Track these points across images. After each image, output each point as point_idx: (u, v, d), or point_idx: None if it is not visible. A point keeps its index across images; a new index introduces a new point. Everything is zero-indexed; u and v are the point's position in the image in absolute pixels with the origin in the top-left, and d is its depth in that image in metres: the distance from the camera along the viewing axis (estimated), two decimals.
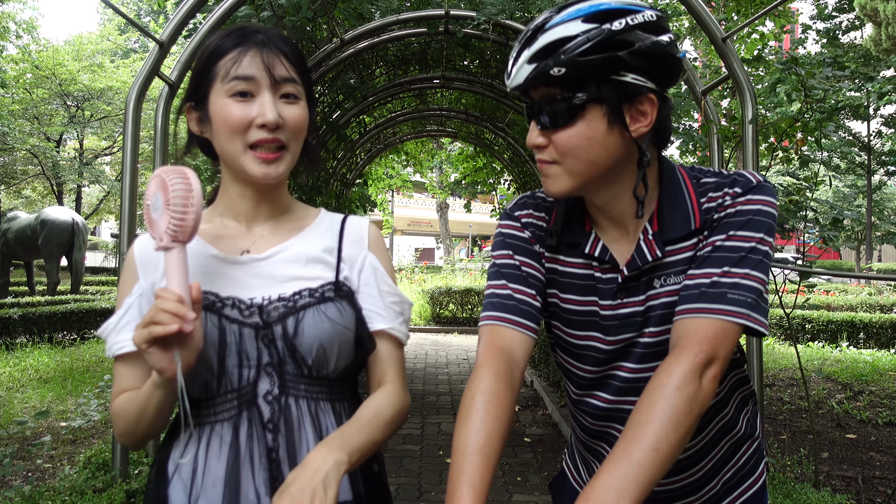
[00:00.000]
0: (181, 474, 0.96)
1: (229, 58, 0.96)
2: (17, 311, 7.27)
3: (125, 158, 2.87)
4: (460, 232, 33.83)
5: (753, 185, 0.96)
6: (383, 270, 1.08)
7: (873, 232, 24.00)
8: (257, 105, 0.95)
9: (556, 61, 0.88)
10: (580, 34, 0.88)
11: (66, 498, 2.60)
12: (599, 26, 0.87)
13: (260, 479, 0.94)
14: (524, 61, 0.91)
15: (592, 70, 0.88)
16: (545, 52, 0.89)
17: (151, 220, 0.91)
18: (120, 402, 0.98)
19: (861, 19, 15.31)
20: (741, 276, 0.90)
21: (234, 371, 0.95)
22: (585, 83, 0.90)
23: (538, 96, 0.94)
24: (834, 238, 3.34)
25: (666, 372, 0.86)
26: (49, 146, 16.57)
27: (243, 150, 0.96)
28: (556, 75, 0.89)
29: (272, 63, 0.96)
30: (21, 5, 15.22)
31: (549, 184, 0.97)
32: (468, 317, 10.80)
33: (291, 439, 0.96)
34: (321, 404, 1.00)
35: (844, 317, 8.39)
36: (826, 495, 2.89)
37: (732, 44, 2.99)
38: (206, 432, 0.97)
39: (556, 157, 0.95)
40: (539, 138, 0.95)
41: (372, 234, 1.10)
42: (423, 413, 5.25)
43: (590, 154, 0.93)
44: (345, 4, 3.71)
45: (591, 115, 0.91)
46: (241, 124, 0.95)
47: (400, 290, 1.09)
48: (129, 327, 0.97)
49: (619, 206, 0.99)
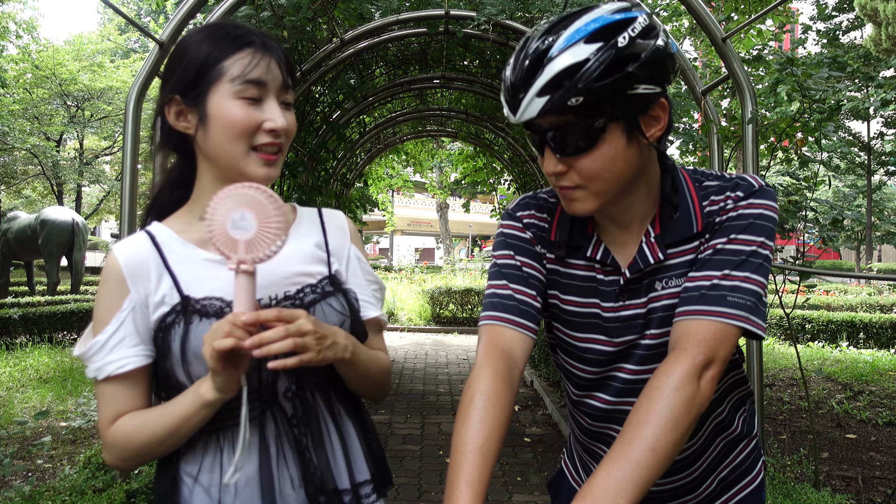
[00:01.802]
0: (201, 482, 0.95)
1: (238, 58, 0.95)
2: (17, 311, 7.27)
3: (125, 158, 2.87)
4: (460, 232, 33.82)
5: (755, 190, 0.96)
6: (364, 260, 1.13)
7: (873, 232, 23.99)
8: (266, 110, 0.96)
9: (573, 91, 0.85)
10: (590, 58, 0.84)
11: (66, 498, 2.60)
12: (605, 45, 0.85)
13: (294, 471, 0.97)
14: (534, 95, 0.87)
15: (611, 91, 0.86)
16: (556, 82, 0.85)
17: (229, 237, 0.87)
18: (129, 427, 0.93)
19: (861, 19, 15.31)
20: (741, 279, 0.90)
21: (252, 374, 0.95)
22: (601, 105, 0.88)
23: (548, 125, 0.90)
24: (834, 238, 3.33)
25: (665, 373, 0.86)
26: (49, 146, 16.57)
27: (246, 152, 0.96)
28: (573, 105, 0.86)
29: (280, 70, 0.99)
30: (21, 5, 15.23)
31: (576, 206, 0.96)
32: (468, 317, 10.80)
33: (317, 429, 0.99)
34: (332, 393, 1.04)
35: (844, 317, 8.39)
36: (826, 495, 2.88)
37: (732, 44, 2.99)
38: (228, 437, 0.96)
39: (580, 181, 0.93)
40: (559, 166, 0.92)
41: (350, 227, 1.14)
42: (423, 413, 5.25)
43: (614, 172, 0.92)
44: (345, 4, 3.71)
45: (610, 135, 0.89)
46: (250, 127, 0.95)
47: (378, 276, 1.14)
48: (127, 343, 0.93)
49: (631, 212, 1.00)
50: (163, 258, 0.97)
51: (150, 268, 0.96)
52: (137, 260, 0.96)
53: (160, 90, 1.03)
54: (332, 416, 1.03)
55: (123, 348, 0.93)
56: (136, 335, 0.94)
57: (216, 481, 0.95)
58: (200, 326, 0.93)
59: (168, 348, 0.93)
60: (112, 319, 0.93)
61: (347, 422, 1.05)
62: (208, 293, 0.96)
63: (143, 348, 0.95)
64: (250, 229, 0.87)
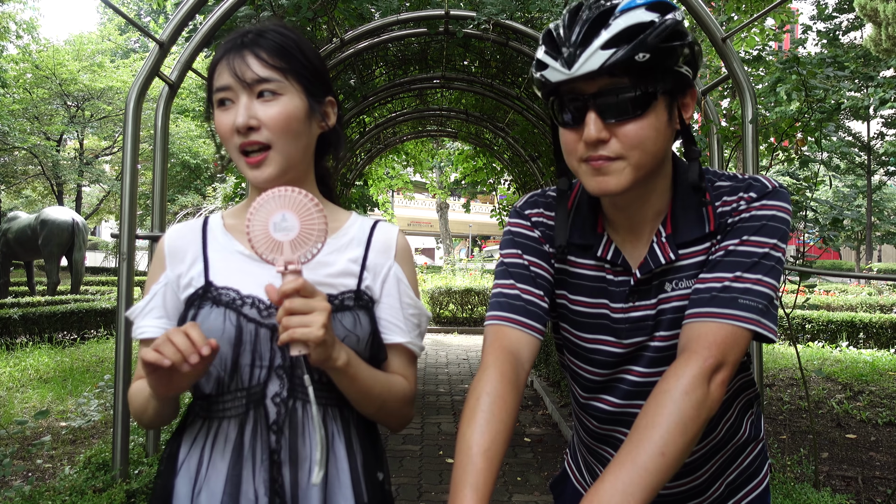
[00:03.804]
0: (188, 467, 0.98)
1: (218, 71, 1.00)
2: (17, 311, 7.27)
3: (125, 158, 2.87)
4: (460, 232, 33.83)
5: (769, 191, 0.95)
6: (406, 282, 1.07)
7: (873, 232, 23.99)
8: (233, 111, 0.97)
9: (642, 46, 0.84)
10: (655, 21, 0.85)
11: (66, 498, 2.59)
12: (663, 15, 0.86)
13: (260, 478, 0.94)
14: (598, 47, 0.84)
15: (668, 58, 0.86)
16: (625, 36, 0.84)
17: (273, 240, 0.88)
18: (133, 389, 1.03)
19: (861, 19, 15.31)
20: (753, 281, 0.89)
21: (246, 370, 0.96)
22: (653, 73, 0.86)
23: (597, 88, 0.87)
24: (834, 238, 3.33)
25: (674, 376, 0.85)
26: (49, 146, 16.57)
27: (238, 155, 0.99)
28: (640, 61, 0.84)
29: (242, 68, 0.96)
30: (21, 5, 15.22)
31: (611, 181, 0.90)
32: (468, 317, 10.80)
33: (294, 443, 0.96)
34: (329, 410, 1.00)
35: (844, 317, 8.39)
36: (826, 495, 2.88)
37: (732, 44, 2.99)
38: (213, 427, 0.98)
39: (622, 151, 0.89)
40: (603, 132, 0.88)
41: (400, 244, 1.09)
42: (423, 413, 5.25)
43: (657, 146, 0.90)
44: (345, 4, 3.71)
45: (659, 106, 0.89)
46: (226, 132, 0.98)
47: (421, 303, 1.08)
48: (153, 314, 1.02)
49: (643, 206, 0.98)
50: (204, 243, 1.04)
51: (188, 251, 1.03)
52: (180, 243, 1.04)
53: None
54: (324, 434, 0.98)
55: (150, 318, 1.02)
56: (163, 309, 1.02)
57: (196, 468, 0.98)
58: (211, 314, 0.96)
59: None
60: (150, 290, 1.04)
61: (339, 444, 1.00)
62: (228, 283, 0.99)
63: (166, 322, 1.02)
64: (293, 229, 0.87)
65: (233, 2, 2.89)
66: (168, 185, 2.78)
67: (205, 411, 0.99)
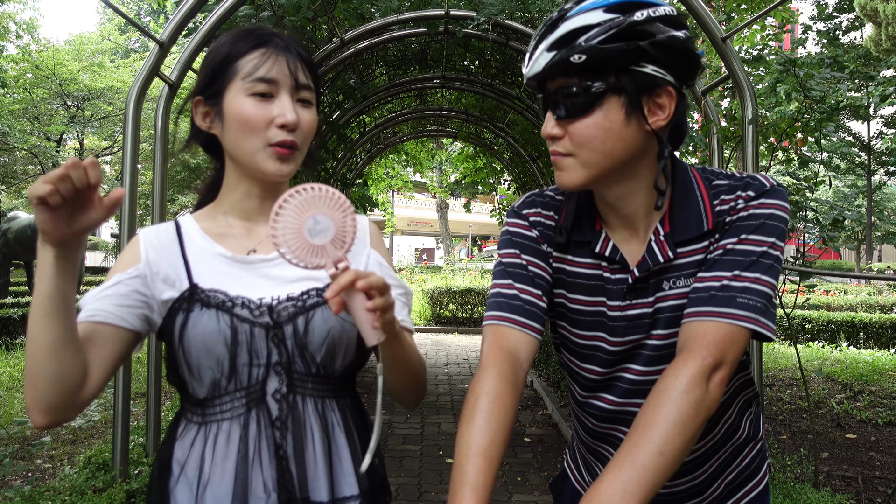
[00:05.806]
0: (186, 473, 0.97)
1: (251, 57, 0.98)
2: (17, 311, 7.28)
3: (125, 158, 2.87)
4: (460, 232, 33.84)
5: (767, 189, 0.94)
6: (387, 265, 1.11)
7: (873, 232, 24.00)
8: (277, 106, 0.98)
9: (577, 49, 0.88)
10: (602, 22, 0.87)
11: (66, 498, 2.60)
12: (621, 15, 0.87)
13: (268, 474, 0.96)
14: (543, 49, 0.90)
15: (613, 59, 0.87)
16: (566, 40, 0.89)
17: (313, 246, 0.85)
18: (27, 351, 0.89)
19: (861, 19, 15.30)
20: (751, 280, 0.89)
21: (244, 370, 0.96)
22: (605, 73, 0.89)
23: (554, 87, 0.93)
24: (834, 238, 3.34)
25: (673, 375, 0.85)
26: (49, 146, 16.56)
27: (261, 147, 0.98)
28: (576, 62, 0.88)
29: (295, 68, 0.99)
30: (21, 5, 15.23)
31: (563, 176, 0.96)
32: (468, 317, 10.80)
33: (299, 437, 0.97)
34: (327, 402, 1.02)
35: (844, 317, 8.39)
36: (826, 495, 2.88)
37: (733, 43, 2.99)
38: (212, 430, 0.98)
39: (571, 148, 0.93)
40: (555, 129, 0.94)
41: (372, 231, 1.13)
42: (423, 413, 5.25)
43: (606, 145, 0.91)
44: (345, 4, 3.71)
45: (608, 106, 0.90)
46: (261, 123, 0.97)
47: (403, 281, 1.11)
48: (109, 301, 0.95)
49: (632, 203, 0.98)
50: (182, 246, 1.02)
51: (168, 251, 1.01)
52: (158, 241, 1.02)
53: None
54: (323, 426, 1.00)
55: (105, 303, 0.94)
56: (125, 298, 0.96)
57: (198, 474, 0.96)
58: (202, 316, 0.95)
59: (171, 333, 0.96)
60: (113, 277, 0.98)
61: (340, 434, 1.02)
62: (214, 286, 0.99)
63: (126, 311, 0.95)
64: (329, 228, 0.85)
65: (233, 2, 2.90)
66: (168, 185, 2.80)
67: (199, 417, 0.98)
